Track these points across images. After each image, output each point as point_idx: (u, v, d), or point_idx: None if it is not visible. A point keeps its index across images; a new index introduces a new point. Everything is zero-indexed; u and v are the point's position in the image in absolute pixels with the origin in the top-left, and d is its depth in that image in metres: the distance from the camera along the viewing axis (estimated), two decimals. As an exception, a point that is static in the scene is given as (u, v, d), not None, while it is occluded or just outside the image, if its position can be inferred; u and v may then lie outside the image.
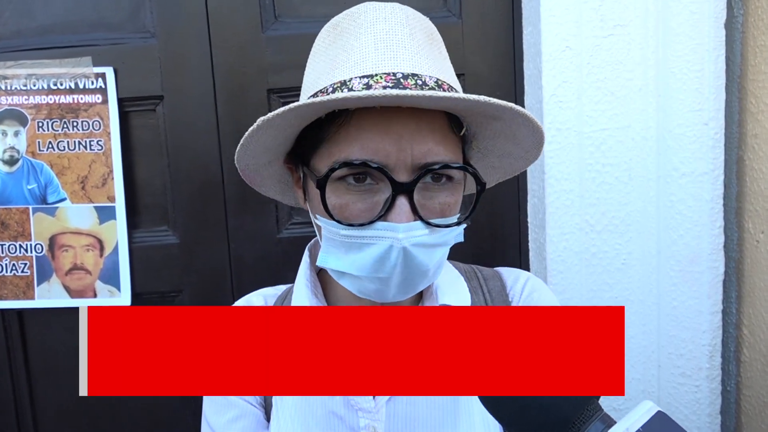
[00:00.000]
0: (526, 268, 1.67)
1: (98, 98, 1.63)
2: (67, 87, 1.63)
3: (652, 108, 1.47)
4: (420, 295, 0.93)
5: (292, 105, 0.74)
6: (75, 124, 1.64)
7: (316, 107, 0.74)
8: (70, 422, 1.79)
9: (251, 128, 0.78)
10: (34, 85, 1.63)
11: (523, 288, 0.97)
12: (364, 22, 0.80)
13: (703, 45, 1.44)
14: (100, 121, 1.64)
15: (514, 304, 0.96)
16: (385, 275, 0.77)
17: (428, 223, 0.76)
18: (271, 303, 0.99)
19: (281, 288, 1.02)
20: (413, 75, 0.76)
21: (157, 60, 1.64)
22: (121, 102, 1.64)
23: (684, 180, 1.49)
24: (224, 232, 1.71)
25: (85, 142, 1.65)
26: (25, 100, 1.63)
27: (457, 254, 1.01)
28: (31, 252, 1.68)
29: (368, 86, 0.75)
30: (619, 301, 1.54)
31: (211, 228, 1.71)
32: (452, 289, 0.93)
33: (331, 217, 0.78)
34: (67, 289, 1.69)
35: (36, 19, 1.65)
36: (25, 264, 1.68)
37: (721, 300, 1.53)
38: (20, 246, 1.68)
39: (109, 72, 1.62)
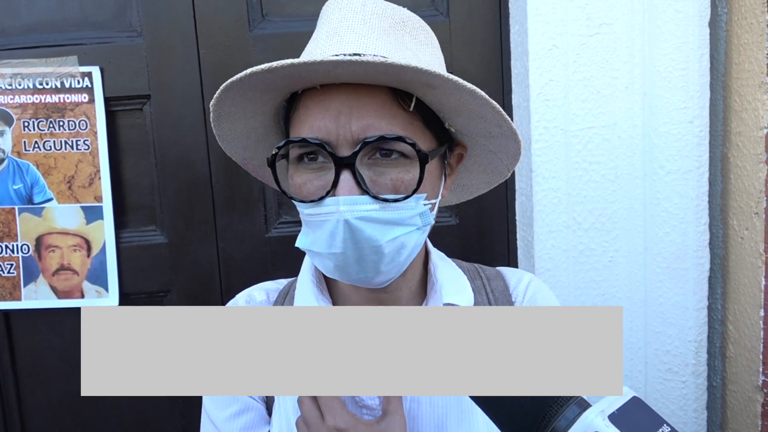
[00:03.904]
0: (514, 265, 1.68)
1: (84, 97, 1.62)
2: (53, 86, 1.62)
3: (638, 106, 1.48)
4: (424, 294, 0.94)
5: (220, 89, 0.80)
6: (61, 123, 1.63)
7: (229, 86, 0.78)
8: (57, 423, 1.78)
9: (210, 117, 0.85)
10: (20, 85, 1.62)
11: (527, 289, 0.98)
12: (324, 16, 0.85)
13: (688, 44, 1.46)
14: (87, 121, 1.63)
15: (517, 305, 0.97)
16: (338, 250, 0.78)
17: (376, 198, 0.77)
18: (273, 297, 0.99)
19: (282, 282, 1.02)
20: (355, 54, 0.77)
21: (143, 59, 1.64)
22: (107, 101, 1.63)
23: (670, 177, 1.50)
24: (212, 231, 1.71)
25: (72, 141, 1.64)
26: (11, 99, 1.62)
27: (446, 252, 1.02)
28: (18, 252, 1.67)
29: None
30: (606, 298, 1.55)
31: (199, 227, 1.71)
32: (456, 287, 0.94)
33: (285, 193, 0.83)
34: (54, 289, 1.68)
35: (21, 18, 1.64)
36: (12, 265, 1.67)
37: (707, 296, 1.55)
38: (6, 246, 1.67)
39: (95, 71, 1.62)
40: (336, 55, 0.76)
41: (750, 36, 1.40)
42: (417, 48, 0.84)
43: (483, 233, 1.74)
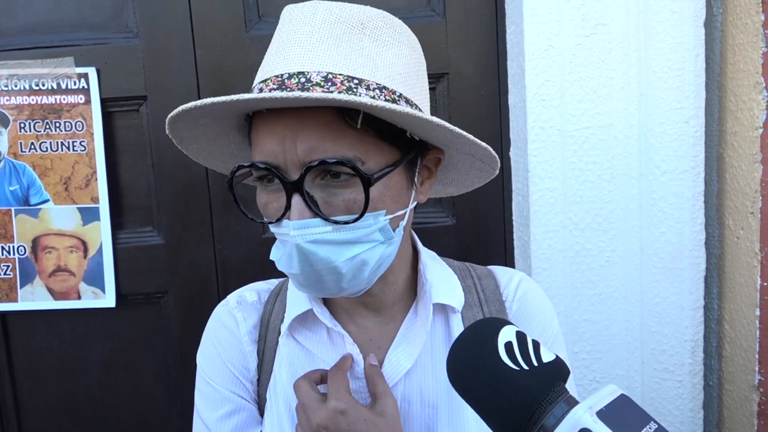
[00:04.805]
0: (511, 265, 1.68)
1: (81, 98, 1.62)
2: (50, 87, 1.62)
3: (634, 106, 1.49)
4: (414, 294, 0.93)
5: (166, 121, 0.82)
6: (57, 124, 1.63)
7: (173, 119, 0.80)
8: (55, 424, 1.78)
9: (174, 141, 0.87)
10: (16, 86, 1.62)
11: (517, 288, 0.98)
12: (277, 28, 0.83)
13: (683, 44, 1.46)
14: (83, 122, 1.63)
15: (507, 304, 0.97)
16: (296, 272, 0.78)
17: (327, 220, 0.76)
18: (264, 298, 0.99)
19: (274, 282, 1.02)
20: (299, 74, 0.76)
21: (140, 60, 1.64)
22: (104, 102, 1.63)
23: (665, 177, 1.51)
24: (209, 232, 1.71)
25: (68, 142, 1.64)
26: (7, 100, 1.62)
27: (443, 252, 1.02)
28: (14, 254, 1.67)
29: (261, 91, 0.77)
30: (602, 298, 1.55)
31: (196, 228, 1.71)
32: (446, 287, 0.93)
33: (245, 215, 0.84)
34: (50, 291, 1.68)
35: (18, 19, 1.64)
36: (8, 266, 1.67)
37: (703, 296, 1.55)
38: (2, 248, 1.66)
39: (91, 72, 1.62)
40: (281, 75, 0.76)
41: (745, 36, 1.40)
42: (377, 50, 0.80)
43: (480, 233, 1.74)
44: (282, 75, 0.76)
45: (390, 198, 0.80)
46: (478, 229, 1.74)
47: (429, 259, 0.95)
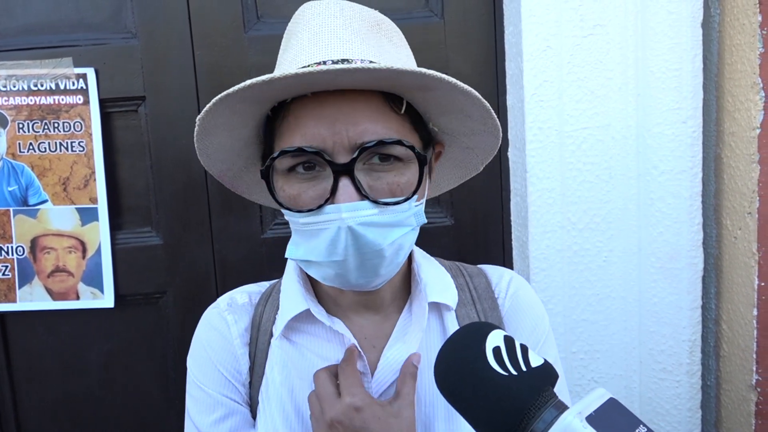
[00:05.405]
0: (510, 266, 1.68)
1: (79, 99, 1.62)
2: (48, 88, 1.62)
3: (632, 107, 1.49)
4: (408, 292, 0.94)
5: (212, 102, 0.77)
6: (56, 125, 1.63)
7: (225, 98, 0.76)
8: (54, 424, 1.78)
9: (195, 131, 0.83)
10: (14, 86, 1.62)
11: (509, 286, 0.99)
12: (302, 21, 0.84)
13: (681, 44, 1.46)
14: (82, 122, 1.63)
15: (500, 301, 0.98)
16: (339, 258, 0.78)
17: (376, 202, 0.77)
18: (255, 300, 0.99)
19: (264, 285, 1.02)
20: (343, 60, 0.77)
21: (138, 60, 1.64)
22: (102, 103, 1.63)
23: (663, 178, 1.51)
24: (208, 232, 1.71)
25: (67, 143, 1.64)
26: (5, 101, 1.62)
27: (441, 252, 1.02)
28: (13, 254, 1.67)
29: None
30: (600, 298, 1.56)
31: (194, 229, 1.71)
32: (440, 286, 0.94)
33: (281, 205, 0.82)
34: (49, 291, 1.68)
35: (16, 19, 1.64)
36: (7, 266, 1.67)
37: (701, 296, 1.55)
38: (1, 248, 1.66)
39: (90, 72, 1.62)
40: (324, 62, 0.77)
41: (742, 37, 1.41)
42: (395, 50, 0.84)
43: (478, 234, 1.74)
44: (325, 61, 0.77)
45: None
46: (477, 230, 1.74)
47: (422, 258, 0.96)
